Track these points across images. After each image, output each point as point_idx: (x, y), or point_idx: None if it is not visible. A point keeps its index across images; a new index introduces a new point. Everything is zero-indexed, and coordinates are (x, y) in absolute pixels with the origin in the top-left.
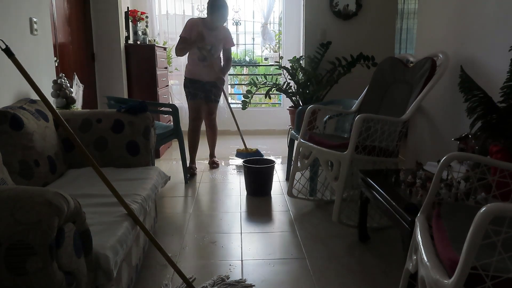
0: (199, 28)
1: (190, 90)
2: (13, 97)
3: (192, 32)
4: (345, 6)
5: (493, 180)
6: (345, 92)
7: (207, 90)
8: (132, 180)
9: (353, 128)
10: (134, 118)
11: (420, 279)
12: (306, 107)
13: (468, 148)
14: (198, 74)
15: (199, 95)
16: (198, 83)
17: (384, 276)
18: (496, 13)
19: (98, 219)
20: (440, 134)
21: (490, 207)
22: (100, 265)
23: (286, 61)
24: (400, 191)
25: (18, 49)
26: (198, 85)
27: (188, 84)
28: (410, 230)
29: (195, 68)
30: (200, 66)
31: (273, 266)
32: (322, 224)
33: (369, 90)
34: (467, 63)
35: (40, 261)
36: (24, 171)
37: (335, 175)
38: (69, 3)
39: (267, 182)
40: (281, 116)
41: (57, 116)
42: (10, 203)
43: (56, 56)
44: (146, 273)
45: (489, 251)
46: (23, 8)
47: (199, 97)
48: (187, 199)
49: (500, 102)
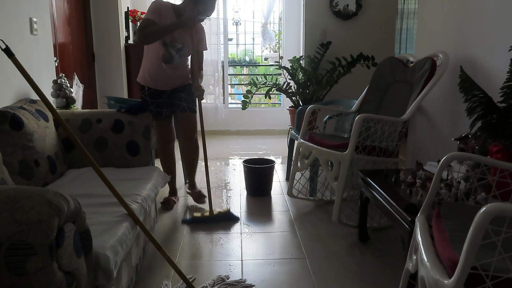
0: (169, 16)
1: (151, 107)
2: (13, 97)
3: (161, 18)
4: (345, 6)
5: (493, 180)
6: (345, 92)
7: (175, 99)
8: (132, 180)
9: (353, 128)
10: (134, 118)
11: (420, 279)
12: (306, 107)
13: (468, 148)
14: (161, 80)
15: (164, 113)
16: (161, 95)
17: (384, 276)
18: (496, 13)
19: (98, 219)
20: (440, 134)
21: (490, 207)
22: (100, 265)
23: (286, 61)
24: (400, 191)
25: (18, 49)
26: (161, 99)
27: (147, 96)
28: (410, 230)
29: (156, 72)
30: (163, 69)
31: (273, 266)
32: (322, 224)
33: (369, 90)
34: (467, 63)
35: (40, 261)
36: (24, 171)
37: (335, 175)
38: (69, 3)
39: (267, 182)
40: (281, 116)
41: (57, 116)
42: (10, 203)
43: (56, 56)
44: (146, 273)
45: (489, 251)
46: (23, 8)
47: (164, 115)
48: (187, 199)
49: (500, 102)
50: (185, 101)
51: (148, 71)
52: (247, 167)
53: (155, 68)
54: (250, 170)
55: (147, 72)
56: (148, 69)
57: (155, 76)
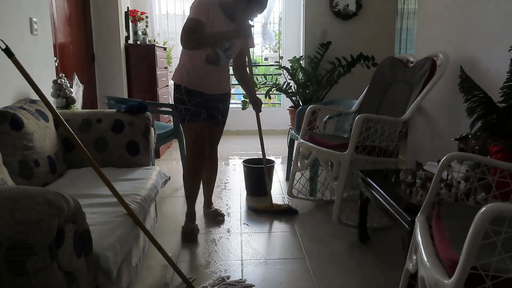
0: (216, 13)
1: (188, 106)
2: (13, 97)
3: (209, 17)
4: (345, 6)
5: (493, 180)
6: (345, 92)
7: (212, 107)
8: (132, 180)
9: (353, 128)
10: (134, 118)
11: (420, 279)
12: (306, 107)
13: (468, 148)
14: (203, 83)
15: (202, 114)
16: (201, 97)
17: (384, 276)
18: (496, 13)
19: (98, 219)
20: (440, 134)
21: (490, 207)
22: (100, 265)
23: (286, 61)
24: (400, 191)
25: (18, 49)
26: (201, 99)
27: (184, 95)
28: (410, 230)
29: (199, 74)
30: (207, 71)
31: (273, 266)
32: (322, 224)
33: (369, 90)
34: (467, 63)
35: (40, 261)
36: (24, 171)
37: (335, 175)
38: (69, 3)
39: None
40: (281, 116)
41: (57, 116)
42: (10, 203)
43: (56, 56)
44: (146, 273)
45: (489, 251)
46: (23, 8)
47: (203, 116)
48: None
49: (500, 102)
50: (222, 115)
51: (190, 71)
52: (247, 167)
53: (198, 68)
54: (250, 170)
55: (189, 72)
56: (188, 68)
57: (196, 77)
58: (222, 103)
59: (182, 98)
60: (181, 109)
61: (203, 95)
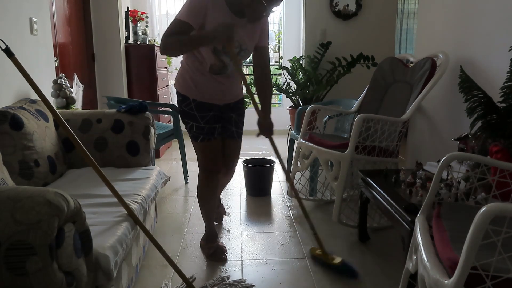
0: (219, 9)
1: (201, 123)
2: (13, 97)
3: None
4: (345, 6)
5: (493, 180)
6: (345, 92)
7: (225, 120)
8: (132, 180)
9: (353, 128)
10: (134, 118)
11: (420, 279)
12: (306, 107)
13: (468, 148)
14: (214, 93)
15: (217, 130)
16: (213, 110)
17: (384, 276)
18: (496, 13)
19: (98, 219)
20: (440, 134)
21: (490, 207)
22: (100, 265)
23: (286, 61)
24: (400, 191)
25: (18, 49)
26: (213, 113)
27: (197, 112)
28: (410, 230)
29: (204, 84)
30: (214, 79)
31: (273, 266)
32: (322, 224)
33: (369, 90)
34: (467, 63)
35: (40, 261)
36: (24, 171)
37: (335, 175)
38: (69, 3)
39: (267, 182)
40: (281, 116)
41: (57, 116)
42: (10, 203)
43: (56, 56)
44: (146, 273)
45: (489, 251)
46: (23, 8)
47: (217, 132)
48: (187, 199)
49: (500, 102)
50: (235, 126)
51: (193, 79)
52: (247, 167)
53: (202, 79)
54: (250, 170)
55: (190, 79)
56: (192, 77)
57: (202, 88)
58: (235, 112)
59: (193, 114)
60: (192, 126)
61: (214, 107)
